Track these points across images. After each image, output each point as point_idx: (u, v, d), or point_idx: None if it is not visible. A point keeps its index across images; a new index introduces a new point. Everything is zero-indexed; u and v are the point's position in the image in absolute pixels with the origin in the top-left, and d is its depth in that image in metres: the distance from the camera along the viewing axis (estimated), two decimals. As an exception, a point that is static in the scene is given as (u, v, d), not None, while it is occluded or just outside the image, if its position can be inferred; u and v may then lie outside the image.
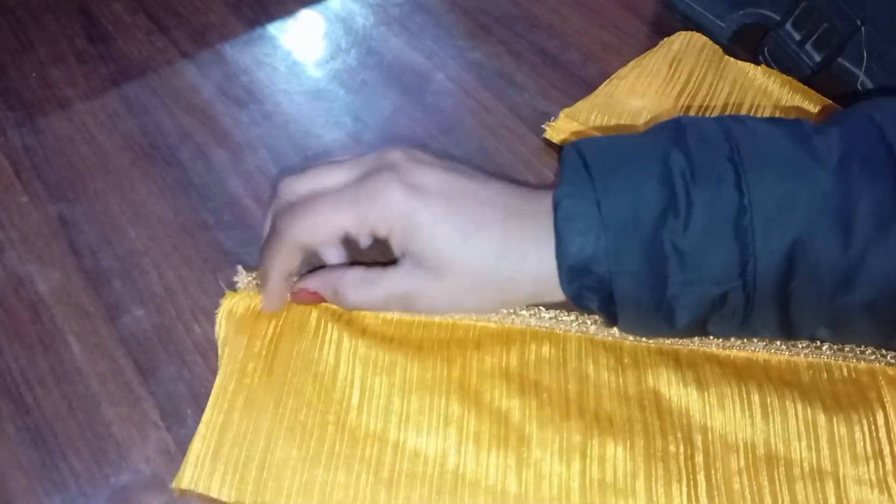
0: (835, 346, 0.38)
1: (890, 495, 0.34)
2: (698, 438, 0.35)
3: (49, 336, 0.38)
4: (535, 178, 0.46)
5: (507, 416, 0.35)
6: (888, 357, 0.38)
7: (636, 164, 0.34)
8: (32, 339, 0.38)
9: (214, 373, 0.36)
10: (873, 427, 0.36)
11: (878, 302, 0.33)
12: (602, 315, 0.37)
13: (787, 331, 0.36)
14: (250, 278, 0.39)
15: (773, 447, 0.35)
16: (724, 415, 0.36)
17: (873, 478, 0.34)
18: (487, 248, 0.35)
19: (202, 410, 0.35)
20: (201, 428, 0.34)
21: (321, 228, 0.36)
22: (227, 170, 0.45)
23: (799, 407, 0.36)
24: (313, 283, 0.38)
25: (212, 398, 0.35)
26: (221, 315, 0.38)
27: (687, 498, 0.33)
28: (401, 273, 0.36)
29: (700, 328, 0.36)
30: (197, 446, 0.34)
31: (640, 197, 0.34)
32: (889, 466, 0.35)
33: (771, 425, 0.35)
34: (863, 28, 0.47)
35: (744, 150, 0.34)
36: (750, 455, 0.35)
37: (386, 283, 0.37)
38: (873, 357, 0.38)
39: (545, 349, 0.38)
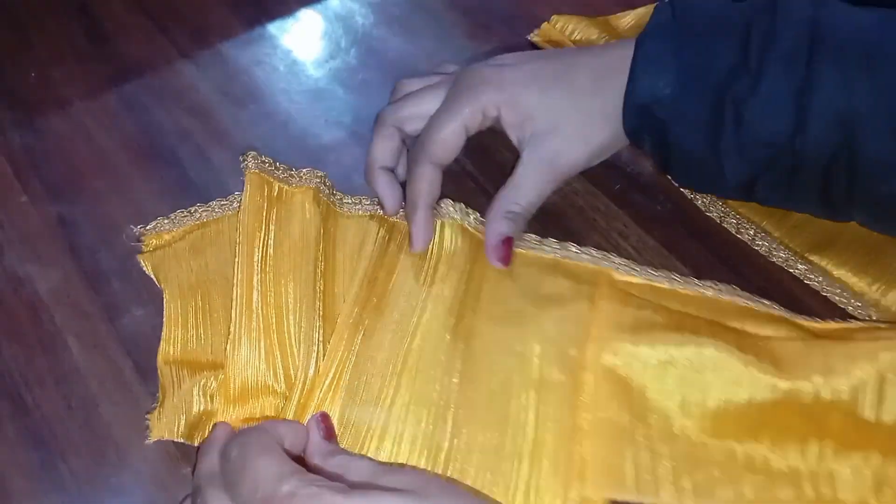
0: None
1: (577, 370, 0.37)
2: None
3: (48, 336, 0.38)
4: (536, 178, 0.46)
5: None
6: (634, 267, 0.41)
7: (721, 23, 0.37)
8: (32, 340, 0.38)
9: (214, 373, 0.36)
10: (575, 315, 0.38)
11: None
12: (654, 158, 0.40)
13: (827, 210, 0.38)
14: (259, 160, 0.43)
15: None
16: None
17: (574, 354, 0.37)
18: (582, 79, 0.39)
19: (202, 411, 0.35)
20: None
21: (449, 134, 0.39)
22: (227, 170, 0.45)
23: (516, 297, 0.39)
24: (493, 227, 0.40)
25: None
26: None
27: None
28: (529, 154, 0.40)
29: (748, 190, 0.38)
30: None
31: (715, 51, 0.36)
32: (582, 352, 0.37)
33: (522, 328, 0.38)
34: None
35: (823, 32, 0.35)
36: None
37: (525, 172, 0.40)
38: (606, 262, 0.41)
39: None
